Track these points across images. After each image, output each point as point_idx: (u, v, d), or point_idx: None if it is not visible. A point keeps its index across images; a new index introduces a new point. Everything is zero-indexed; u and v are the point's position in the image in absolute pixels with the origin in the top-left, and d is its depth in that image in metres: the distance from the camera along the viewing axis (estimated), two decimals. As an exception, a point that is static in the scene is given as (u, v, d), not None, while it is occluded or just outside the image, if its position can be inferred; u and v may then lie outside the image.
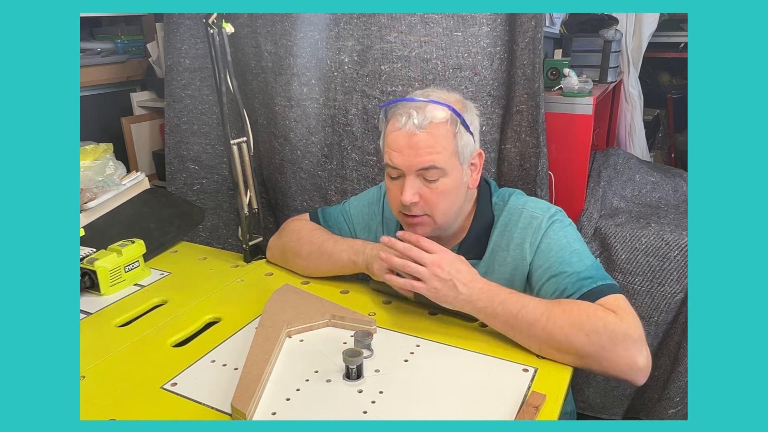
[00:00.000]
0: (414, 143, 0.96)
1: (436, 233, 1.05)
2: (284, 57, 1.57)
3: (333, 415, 0.78)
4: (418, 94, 1.01)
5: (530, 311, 0.88)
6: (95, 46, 2.09)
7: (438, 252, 0.94)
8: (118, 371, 0.90)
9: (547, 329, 0.86)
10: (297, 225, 1.25)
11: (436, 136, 0.96)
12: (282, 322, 0.98)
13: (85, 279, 1.16)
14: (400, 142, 0.97)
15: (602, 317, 0.85)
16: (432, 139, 0.96)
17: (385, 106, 1.04)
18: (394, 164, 0.98)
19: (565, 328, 0.85)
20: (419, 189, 0.98)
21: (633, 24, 2.01)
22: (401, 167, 0.98)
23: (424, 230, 1.02)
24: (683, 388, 1.43)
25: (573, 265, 0.95)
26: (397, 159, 0.98)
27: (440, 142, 0.96)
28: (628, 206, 1.72)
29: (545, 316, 0.87)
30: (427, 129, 0.96)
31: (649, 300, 1.51)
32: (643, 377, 0.84)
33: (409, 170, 0.97)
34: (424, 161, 0.96)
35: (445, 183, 0.98)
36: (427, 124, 0.96)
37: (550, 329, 0.86)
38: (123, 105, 2.17)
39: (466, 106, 1.02)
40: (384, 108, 1.04)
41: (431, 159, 0.96)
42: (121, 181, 1.48)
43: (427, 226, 1.02)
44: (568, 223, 1.03)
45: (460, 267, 0.94)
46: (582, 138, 1.54)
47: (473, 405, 0.79)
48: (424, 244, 0.95)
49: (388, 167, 1.01)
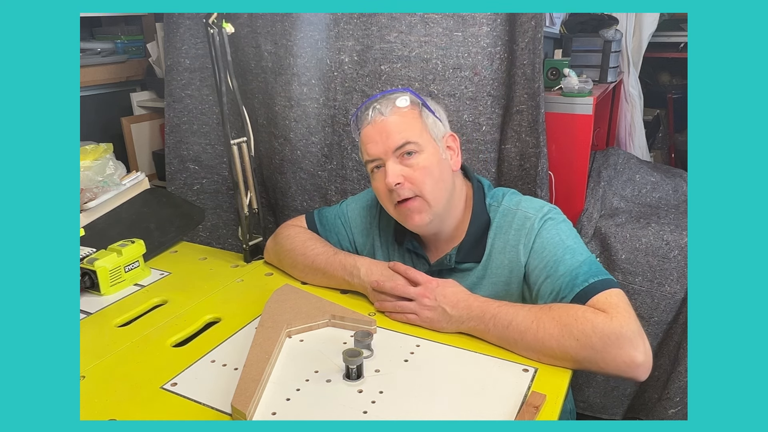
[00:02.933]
0: (383, 128, 1.01)
1: (435, 225, 1.05)
2: (284, 57, 1.57)
3: (333, 415, 0.78)
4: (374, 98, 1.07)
5: (520, 322, 0.89)
6: (95, 46, 2.09)
7: (423, 282, 1.00)
8: (118, 371, 0.90)
9: (538, 337, 0.87)
10: (291, 233, 1.23)
11: (402, 116, 1.02)
12: (282, 322, 0.98)
13: (85, 279, 1.16)
14: (371, 133, 1.03)
15: (591, 319, 0.85)
16: (400, 120, 1.02)
17: (353, 116, 1.09)
18: (371, 155, 1.03)
19: (555, 335, 0.85)
20: (401, 171, 1.01)
21: (633, 24, 2.01)
22: (378, 155, 1.02)
23: (420, 217, 1.02)
24: (683, 388, 1.43)
25: (566, 263, 0.95)
26: (372, 148, 1.02)
27: (407, 121, 1.02)
28: (628, 206, 1.72)
29: (535, 324, 0.87)
30: (393, 113, 1.02)
31: (649, 300, 1.51)
32: (644, 372, 0.83)
33: (386, 154, 1.01)
34: (396, 140, 1.00)
35: (424, 158, 1.01)
36: (391, 109, 1.02)
37: (541, 337, 0.86)
38: (123, 105, 2.17)
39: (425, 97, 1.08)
40: (353, 119, 1.09)
41: (403, 136, 1.01)
42: (121, 181, 1.48)
43: (424, 212, 1.02)
44: (561, 220, 1.03)
45: (445, 292, 0.97)
46: (582, 138, 1.54)
47: (473, 405, 0.79)
48: (411, 275, 1.01)
49: (368, 164, 1.05)
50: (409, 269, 1.02)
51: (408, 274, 1.02)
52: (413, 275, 1.01)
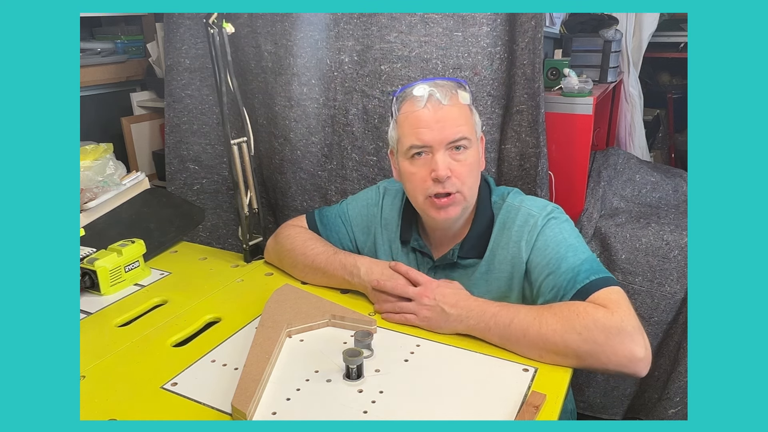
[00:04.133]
0: (441, 117, 0.97)
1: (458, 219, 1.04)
2: (284, 57, 1.57)
3: (333, 415, 0.78)
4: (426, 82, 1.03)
5: (522, 319, 0.89)
6: (95, 46, 2.09)
7: (423, 283, 0.99)
8: (118, 371, 0.90)
9: (540, 333, 0.87)
10: (292, 232, 1.23)
11: (460, 108, 1.00)
12: (282, 322, 0.98)
13: (85, 279, 1.16)
14: (425, 118, 0.98)
15: (592, 313, 0.85)
16: (458, 111, 0.99)
17: (399, 92, 1.04)
18: (423, 142, 0.98)
19: (558, 330, 0.85)
20: (449, 164, 0.98)
21: (633, 24, 2.01)
22: (431, 143, 0.98)
23: (455, 210, 1.01)
24: (683, 388, 1.43)
25: (568, 261, 0.95)
26: (426, 135, 0.98)
27: (464, 115, 1.00)
28: (628, 206, 1.72)
29: (537, 321, 0.88)
30: (454, 104, 0.98)
31: (649, 300, 1.51)
32: (644, 368, 0.84)
33: (439, 144, 0.98)
34: (455, 132, 0.97)
35: (472, 155, 1.00)
36: (450, 98, 0.98)
37: (544, 333, 0.86)
38: (123, 105, 2.17)
39: None
40: (396, 95, 1.04)
41: (460, 131, 0.98)
42: (121, 181, 1.48)
43: (458, 205, 1.01)
44: (564, 220, 1.03)
45: (444, 291, 0.97)
46: (582, 138, 1.54)
47: (473, 405, 0.79)
48: (412, 275, 1.01)
49: (412, 149, 0.99)
50: (410, 270, 1.02)
51: (409, 275, 1.02)
52: (414, 276, 1.01)
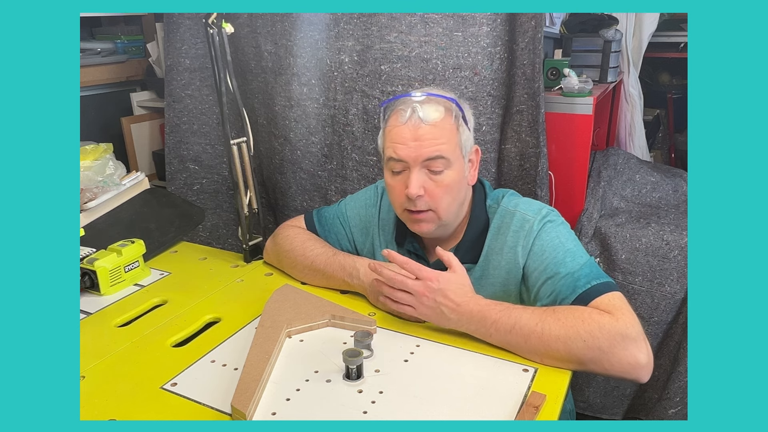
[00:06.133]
0: (419, 135, 0.97)
1: (439, 231, 1.05)
2: (284, 57, 1.57)
3: (333, 415, 0.78)
4: (417, 92, 1.02)
5: (524, 325, 0.87)
6: (95, 46, 2.09)
7: (424, 278, 0.95)
8: (118, 371, 0.90)
9: (543, 340, 0.86)
10: (291, 233, 1.22)
11: (441, 128, 0.98)
12: (282, 322, 0.98)
13: (85, 279, 1.16)
14: (405, 134, 0.98)
15: (597, 320, 0.85)
16: (437, 131, 0.97)
17: (386, 103, 1.04)
18: (399, 157, 0.98)
19: (561, 337, 0.85)
20: (424, 182, 0.98)
21: (633, 24, 2.01)
22: (406, 159, 0.98)
23: (428, 227, 1.02)
24: (683, 388, 1.43)
25: (567, 266, 0.94)
26: (402, 151, 0.98)
27: (445, 134, 0.98)
28: (628, 206, 1.72)
29: (540, 326, 0.86)
30: (432, 122, 0.97)
31: (649, 300, 1.51)
32: (647, 374, 0.84)
33: (414, 162, 0.98)
34: (430, 151, 0.97)
35: (450, 176, 0.99)
36: (431, 118, 0.97)
37: (546, 340, 0.86)
38: (123, 105, 2.17)
39: (463, 104, 1.04)
40: (384, 105, 1.05)
41: (437, 149, 0.97)
42: (121, 181, 1.48)
43: (432, 223, 1.02)
44: (560, 223, 1.02)
45: (446, 293, 0.93)
46: (582, 138, 1.54)
47: (473, 405, 0.79)
48: (410, 267, 0.96)
49: (391, 162, 1.01)
50: (406, 260, 0.97)
51: (407, 266, 0.96)
52: (412, 267, 0.96)
